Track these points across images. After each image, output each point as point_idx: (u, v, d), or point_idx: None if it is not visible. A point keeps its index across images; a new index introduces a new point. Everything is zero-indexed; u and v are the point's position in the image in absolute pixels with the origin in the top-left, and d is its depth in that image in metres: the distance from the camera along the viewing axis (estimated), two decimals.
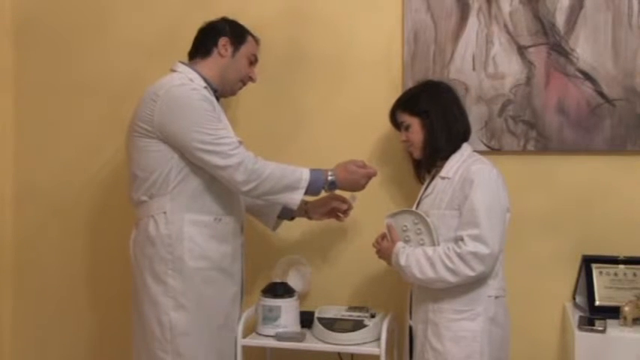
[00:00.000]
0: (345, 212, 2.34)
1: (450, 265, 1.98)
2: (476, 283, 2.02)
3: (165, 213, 2.14)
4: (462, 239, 1.98)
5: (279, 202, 2.20)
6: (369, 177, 2.23)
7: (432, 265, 2.00)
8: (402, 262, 2.06)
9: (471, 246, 1.96)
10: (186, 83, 2.15)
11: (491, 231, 1.97)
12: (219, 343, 2.20)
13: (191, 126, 2.09)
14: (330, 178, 2.18)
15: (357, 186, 2.23)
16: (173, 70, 2.22)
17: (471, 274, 1.97)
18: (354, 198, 2.29)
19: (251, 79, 2.32)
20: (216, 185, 2.16)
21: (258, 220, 2.46)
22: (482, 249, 1.96)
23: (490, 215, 1.98)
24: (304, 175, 2.15)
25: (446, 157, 2.12)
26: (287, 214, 2.40)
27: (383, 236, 2.18)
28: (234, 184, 2.12)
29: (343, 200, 2.33)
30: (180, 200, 2.14)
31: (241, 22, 2.31)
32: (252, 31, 2.32)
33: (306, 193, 2.16)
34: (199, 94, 2.13)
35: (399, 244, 2.10)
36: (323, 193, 2.26)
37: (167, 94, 2.12)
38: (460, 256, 1.97)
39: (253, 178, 2.10)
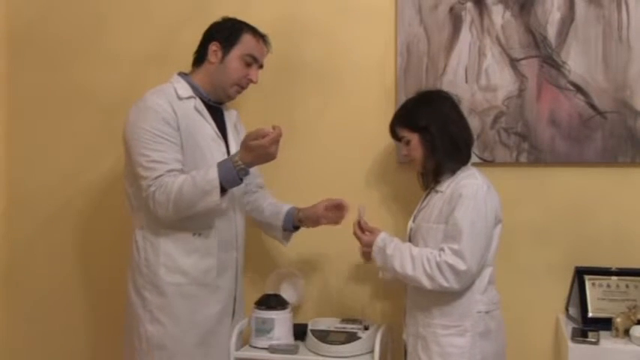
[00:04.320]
0: (337, 222, 2.25)
1: (428, 269, 1.99)
2: (464, 298, 2.02)
3: (142, 227, 2.16)
4: (443, 249, 1.99)
5: (204, 211, 2.05)
6: (275, 142, 2.00)
7: (414, 263, 2.01)
8: (389, 251, 2.06)
9: (449, 258, 1.97)
10: (150, 98, 2.11)
11: (472, 248, 1.97)
12: (204, 358, 2.16)
13: (136, 144, 2.08)
14: (237, 165, 2.02)
15: (267, 157, 2.03)
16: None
17: (445, 284, 1.97)
18: (364, 209, 2.17)
19: (250, 80, 2.24)
20: None
21: (270, 235, 2.41)
22: (460, 264, 1.96)
23: (472, 232, 1.98)
24: (211, 173, 2.02)
25: (451, 173, 2.10)
26: (288, 225, 2.33)
27: (360, 227, 2.15)
28: (152, 213, 2.09)
29: (337, 207, 2.23)
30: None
31: None
32: (258, 28, 2.25)
33: (226, 187, 2.03)
34: (157, 110, 2.08)
35: (384, 234, 2.11)
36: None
37: (131, 109, 2.14)
38: (438, 265, 1.98)
39: (163, 204, 2.04)
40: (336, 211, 2.25)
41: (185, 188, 2.03)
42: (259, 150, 2.00)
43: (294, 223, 2.32)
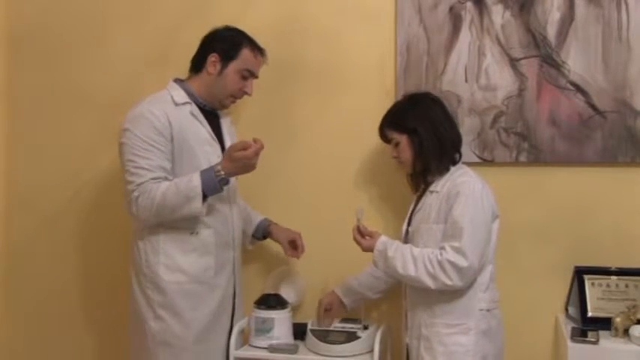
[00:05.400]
0: (293, 254, 2.39)
1: (430, 269, 2.00)
2: (467, 296, 2.03)
3: (142, 228, 2.21)
4: (444, 248, 2.00)
5: (185, 216, 2.13)
6: (256, 154, 2.10)
7: (415, 264, 2.02)
8: (390, 253, 2.07)
9: (451, 256, 1.98)
10: (145, 106, 2.16)
11: (472, 245, 1.98)
12: (201, 355, 2.20)
13: (125, 149, 2.15)
14: (218, 175, 2.10)
15: (248, 168, 2.12)
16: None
17: (448, 282, 1.98)
18: (362, 212, 2.18)
19: (245, 93, 2.30)
20: None
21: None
22: (462, 261, 1.97)
23: (472, 230, 1.99)
24: (195, 181, 2.09)
25: (439, 174, 2.12)
26: (258, 234, 2.45)
27: (359, 232, 2.16)
28: (131, 216, 2.17)
29: (295, 248, 2.38)
30: None
31: None
32: (256, 42, 2.28)
33: (207, 195, 2.11)
34: (150, 118, 2.13)
35: (384, 237, 2.12)
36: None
37: (127, 115, 2.18)
38: (440, 263, 1.99)
39: (146, 209, 2.11)
40: (293, 249, 2.39)
41: (168, 194, 2.10)
42: (243, 161, 2.09)
43: (264, 233, 2.45)
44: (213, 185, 2.11)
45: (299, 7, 2.58)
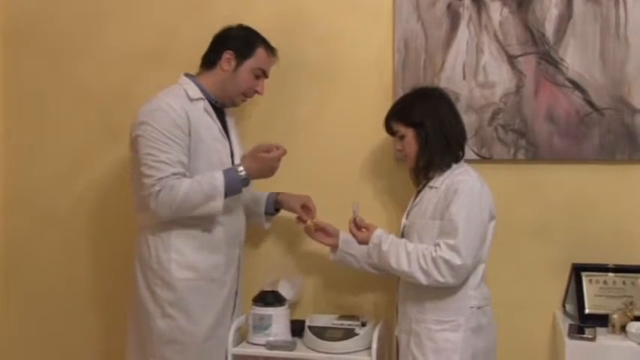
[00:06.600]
0: (308, 215, 2.34)
1: (423, 265, 2.00)
2: (457, 294, 2.04)
3: (153, 225, 2.19)
4: (438, 245, 2.00)
5: (204, 214, 2.14)
6: (279, 159, 2.15)
7: (409, 260, 2.03)
8: (385, 247, 2.08)
9: (445, 253, 1.98)
10: (164, 99, 2.14)
11: (467, 243, 1.98)
12: (208, 352, 2.21)
13: (144, 142, 2.11)
14: (241, 174, 2.13)
15: (269, 171, 2.16)
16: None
17: (441, 279, 1.99)
18: (358, 205, 2.20)
19: (256, 92, 2.31)
20: None
21: (250, 222, 2.45)
22: (455, 259, 1.97)
23: (468, 228, 1.99)
24: (218, 180, 2.11)
25: (441, 170, 2.12)
26: (270, 209, 2.43)
27: (356, 224, 2.17)
28: (151, 211, 2.12)
29: (308, 212, 2.34)
30: None
31: None
32: (269, 42, 2.30)
33: (227, 195, 2.13)
34: (169, 111, 2.12)
35: (379, 231, 2.12)
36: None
37: (142, 108, 2.16)
38: (434, 260, 1.99)
39: (166, 204, 2.08)
40: (306, 211, 2.36)
41: (191, 192, 2.09)
42: (267, 162, 2.14)
43: (275, 206, 2.43)
44: (235, 185, 2.13)
45: (297, 4, 2.57)
